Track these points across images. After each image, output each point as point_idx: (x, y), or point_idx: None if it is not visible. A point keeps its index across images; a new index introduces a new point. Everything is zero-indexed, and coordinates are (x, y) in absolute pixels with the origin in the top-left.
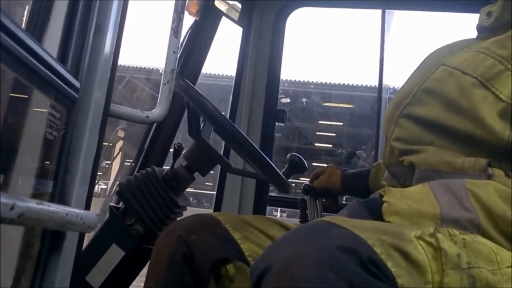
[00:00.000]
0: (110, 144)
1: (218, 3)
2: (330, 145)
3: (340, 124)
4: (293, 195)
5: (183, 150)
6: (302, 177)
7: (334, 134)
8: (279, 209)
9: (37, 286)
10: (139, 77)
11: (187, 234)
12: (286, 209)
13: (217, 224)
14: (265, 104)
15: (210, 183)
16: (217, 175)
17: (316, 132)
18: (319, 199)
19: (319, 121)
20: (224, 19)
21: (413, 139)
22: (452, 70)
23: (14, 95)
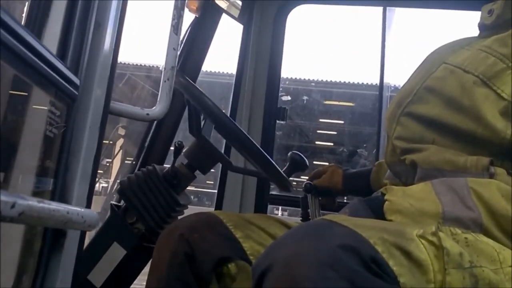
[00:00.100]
0: (111, 142)
1: (219, 0)
2: (331, 143)
3: (341, 122)
4: (294, 194)
5: (184, 148)
6: (303, 175)
7: (335, 132)
8: (280, 208)
9: (39, 285)
10: (139, 75)
11: (189, 233)
12: (287, 208)
13: (219, 223)
14: (266, 102)
15: (211, 181)
16: (218, 173)
17: (317, 130)
18: (321, 198)
19: (320, 119)
20: (225, 16)
21: (415, 138)
22: (454, 69)
23: (14, 92)
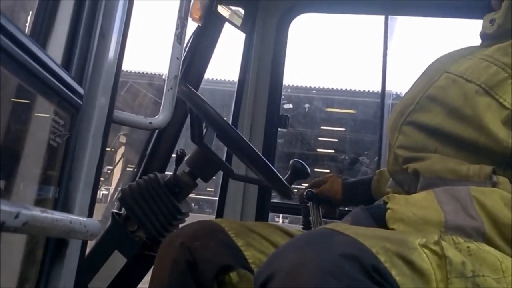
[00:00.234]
0: (112, 150)
1: (221, 9)
2: (333, 151)
3: (343, 130)
4: (296, 201)
5: (186, 156)
6: (305, 183)
7: (337, 140)
8: (281, 215)
9: None
10: (142, 83)
11: (190, 241)
12: (288, 215)
13: (220, 231)
14: (268, 110)
15: (212, 189)
16: (219, 181)
17: (319, 138)
18: (321, 207)
19: (322, 127)
20: (227, 25)
21: (417, 147)
22: (456, 78)
23: (18, 101)
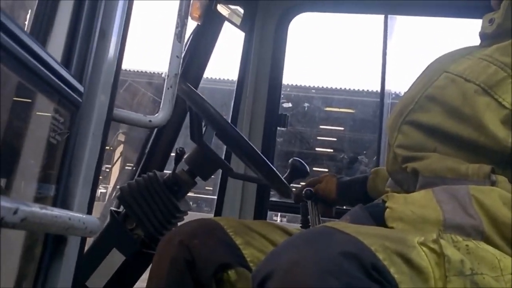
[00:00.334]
0: (111, 148)
1: (221, 8)
2: (332, 150)
3: (342, 129)
4: None
5: (185, 155)
6: (303, 182)
7: (336, 139)
8: (279, 214)
9: None
10: (141, 81)
11: (189, 239)
12: (287, 214)
13: (219, 229)
14: (267, 109)
15: (210, 187)
16: (218, 180)
17: (318, 137)
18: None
19: (321, 126)
20: (227, 24)
21: (417, 146)
22: (455, 77)
23: (18, 99)
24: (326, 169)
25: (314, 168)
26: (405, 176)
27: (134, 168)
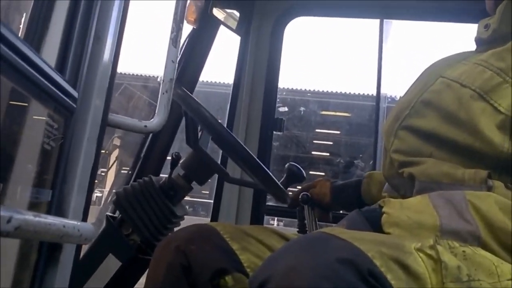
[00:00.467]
0: (106, 152)
1: (216, 12)
2: (328, 154)
3: (338, 133)
4: None
5: (181, 159)
6: (299, 186)
7: (332, 143)
8: (276, 218)
9: None
10: (136, 85)
11: (185, 245)
12: (283, 218)
13: (215, 235)
14: (263, 113)
15: (207, 192)
16: (214, 184)
17: (314, 141)
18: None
19: (317, 130)
20: (222, 28)
21: (413, 151)
22: (451, 82)
23: (12, 105)
24: (323, 173)
25: (311, 172)
26: (402, 181)
27: (130, 173)
